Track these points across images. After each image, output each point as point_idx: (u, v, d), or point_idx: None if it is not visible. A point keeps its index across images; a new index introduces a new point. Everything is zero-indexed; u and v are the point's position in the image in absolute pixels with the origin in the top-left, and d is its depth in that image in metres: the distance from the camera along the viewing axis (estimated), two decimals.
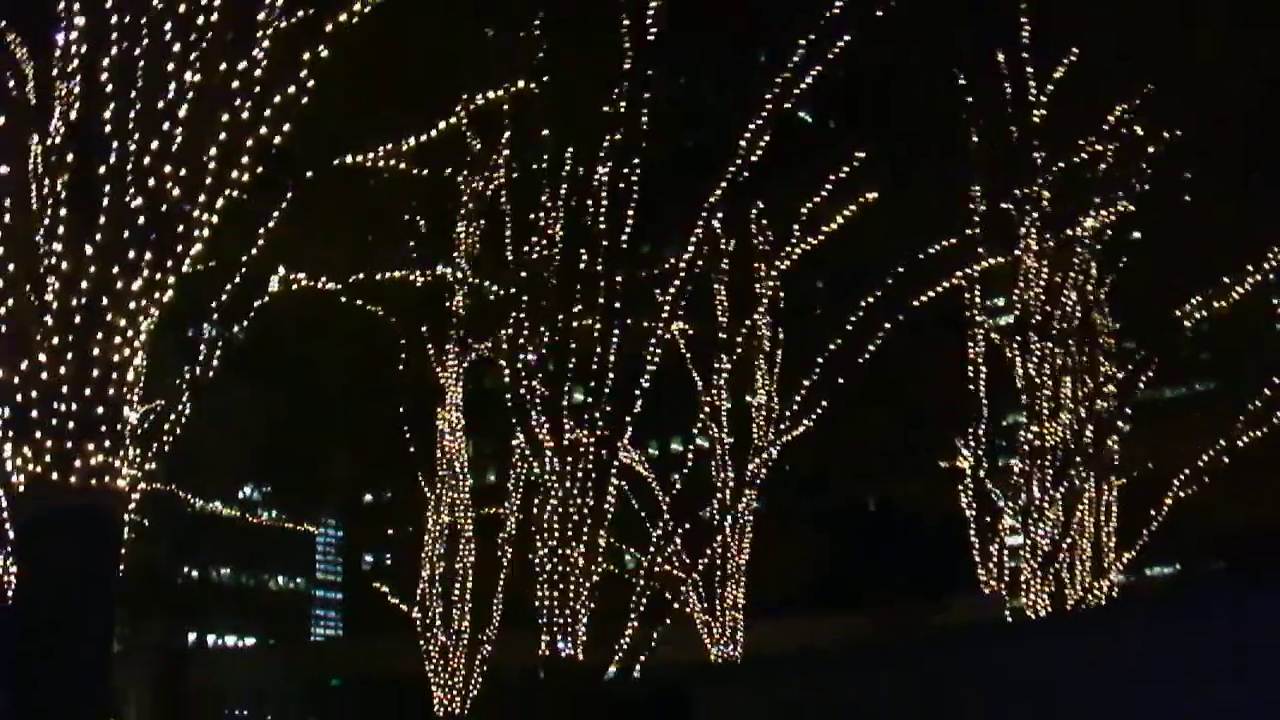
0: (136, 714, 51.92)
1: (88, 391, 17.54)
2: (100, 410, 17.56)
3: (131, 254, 17.85)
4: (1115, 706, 18.32)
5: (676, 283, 34.41)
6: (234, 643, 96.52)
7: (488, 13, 32.36)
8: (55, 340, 17.59)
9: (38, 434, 17.37)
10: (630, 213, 32.80)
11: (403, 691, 45.79)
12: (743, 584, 41.80)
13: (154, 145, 18.13)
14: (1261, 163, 37.65)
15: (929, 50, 40.18)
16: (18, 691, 16.96)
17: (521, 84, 31.68)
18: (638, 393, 33.06)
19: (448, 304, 35.32)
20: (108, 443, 17.51)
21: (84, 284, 17.66)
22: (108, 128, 18.04)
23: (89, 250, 17.67)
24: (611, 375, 32.68)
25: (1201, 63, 36.55)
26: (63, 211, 17.83)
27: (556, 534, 31.45)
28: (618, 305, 32.52)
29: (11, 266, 18.00)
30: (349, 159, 27.28)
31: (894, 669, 22.80)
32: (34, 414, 17.42)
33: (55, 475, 17.25)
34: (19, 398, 17.49)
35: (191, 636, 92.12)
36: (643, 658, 35.20)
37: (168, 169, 18.09)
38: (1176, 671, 18.28)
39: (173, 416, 24.99)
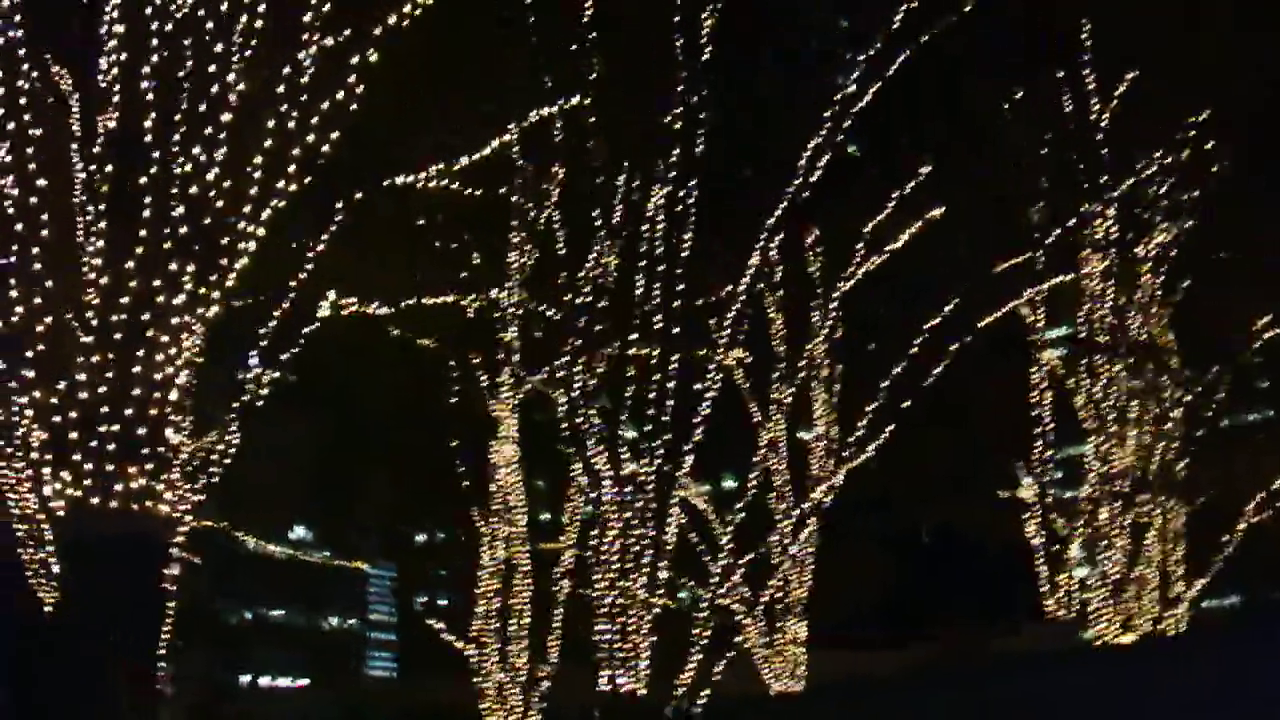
0: None
1: (129, 412, 16.57)
2: (142, 431, 16.57)
3: (173, 266, 16.87)
4: None
5: (735, 309, 33.36)
6: (284, 684, 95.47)
7: (537, 31, 31.30)
8: (95, 358, 16.63)
9: (77, 456, 16.38)
10: (687, 237, 31.73)
11: None
12: (804, 618, 40.57)
13: (197, 155, 17.19)
14: None
15: (985, 64, 38.93)
16: None
17: (575, 100, 30.64)
18: (695, 422, 31.98)
19: (500, 333, 34.08)
20: (150, 465, 16.52)
21: (124, 299, 16.69)
22: (148, 137, 17.09)
23: (129, 264, 16.70)
24: (670, 404, 31.58)
25: (1266, 74, 35.46)
26: (103, 224, 16.84)
27: (616, 567, 30.30)
28: (675, 332, 31.40)
29: (50, 283, 17.02)
30: (398, 179, 26.27)
31: (954, 693, 21.61)
32: (73, 436, 16.43)
33: (95, 500, 16.25)
34: (57, 419, 16.50)
35: (244, 679, 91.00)
36: (704, 693, 34.04)
37: (211, 179, 17.12)
38: (1245, 700, 17.25)
39: (220, 448, 24.00)
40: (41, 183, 17.38)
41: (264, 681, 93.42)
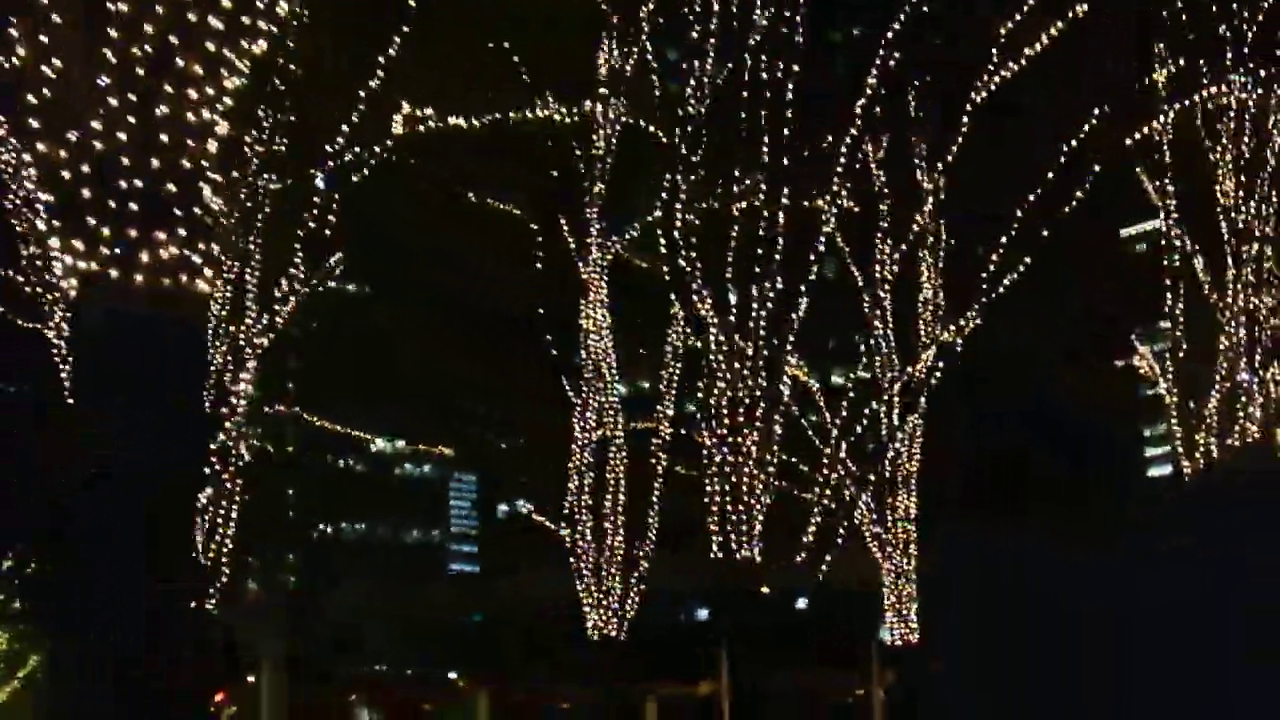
0: (271, 663, 47.69)
1: (155, 164, 12.67)
2: (172, 189, 12.68)
3: None
4: None
5: (841, 157, 29.33)
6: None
7: None
8: (113, 101, 12.74)
9: (92, 221, 12.52)
10: (793, 64, 27.66)
11: (551, 619, 41.19)
12: (914, 491, 36.65)
13: None
14: None
15: None
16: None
17: None
18: (804, 282, 28.05)
19: (593, 146, 29.69)
20: (183, 231, 12.63)
21: (147, 27, 12.78)
22: None
23: None
24: (779, 247, 27.60)
25: None
26: None
27: (726, 420, 26.36)
28: (783, 165, 27.39)
29: (56, 14, 13.09)
30: None
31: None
32: (86, 195, 12.57)
33: (116, 273, 12.40)
34: (67, 175, 12.64)
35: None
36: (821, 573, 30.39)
37: None
38: None
39: (288, 290, 20.25)
40: None
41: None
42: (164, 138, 12.50)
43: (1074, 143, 30.35)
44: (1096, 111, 30.64)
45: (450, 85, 25.39)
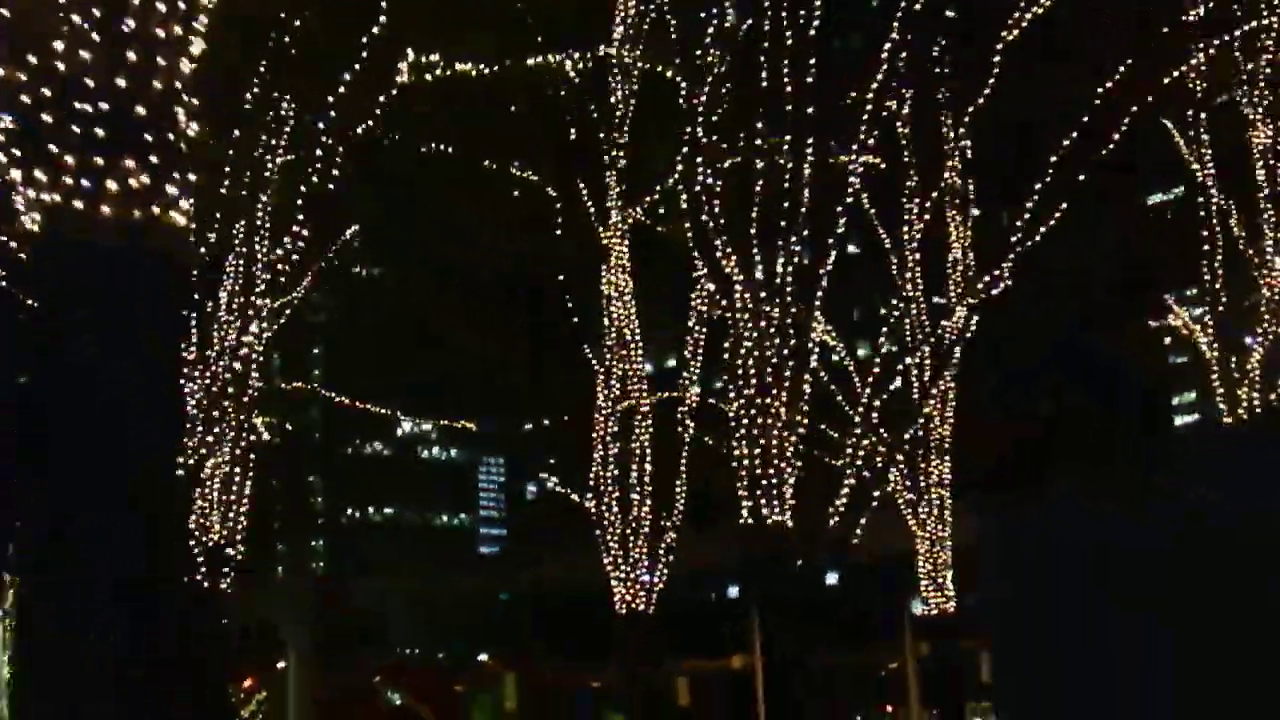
0: (297, 648, 46.81)
1: (123, 84, 11.37)
2: (142, 112, 11.39)
3: None
4: None
5: (867, 110, 27.86)
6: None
7: None
8: (76, 17, 11.45)
9: (53, 148, 11.24)
10: (816, 7, 26.20)
11: (579, 597, 40.14)
12: (948, 458, 35.30)
13: None
14: None
15: None
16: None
17: None
18: (830, 243, 26.62)
19: (612, 95, 28.30)
20: (154, 158, 11.33)
21: None
22: None
23: None
24: (803, 209, 26.18)
25: None
26: None
27: (754, 380, 24.98)
28: (808, 114, 25.93)
29: None
30: None
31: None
32: (47, 119, 11.29)
33: (80, 203, 11.11)
34: (26, 99, 11.36)
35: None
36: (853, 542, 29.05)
37: None
38: None
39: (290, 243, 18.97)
40: None
41: None
42: (131, 56, 11.17)
43: (1103, 89, 28.72)
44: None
45: (463, 35, 23.94)
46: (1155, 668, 11.43)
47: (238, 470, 29.20)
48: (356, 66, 19.30)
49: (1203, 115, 33.12)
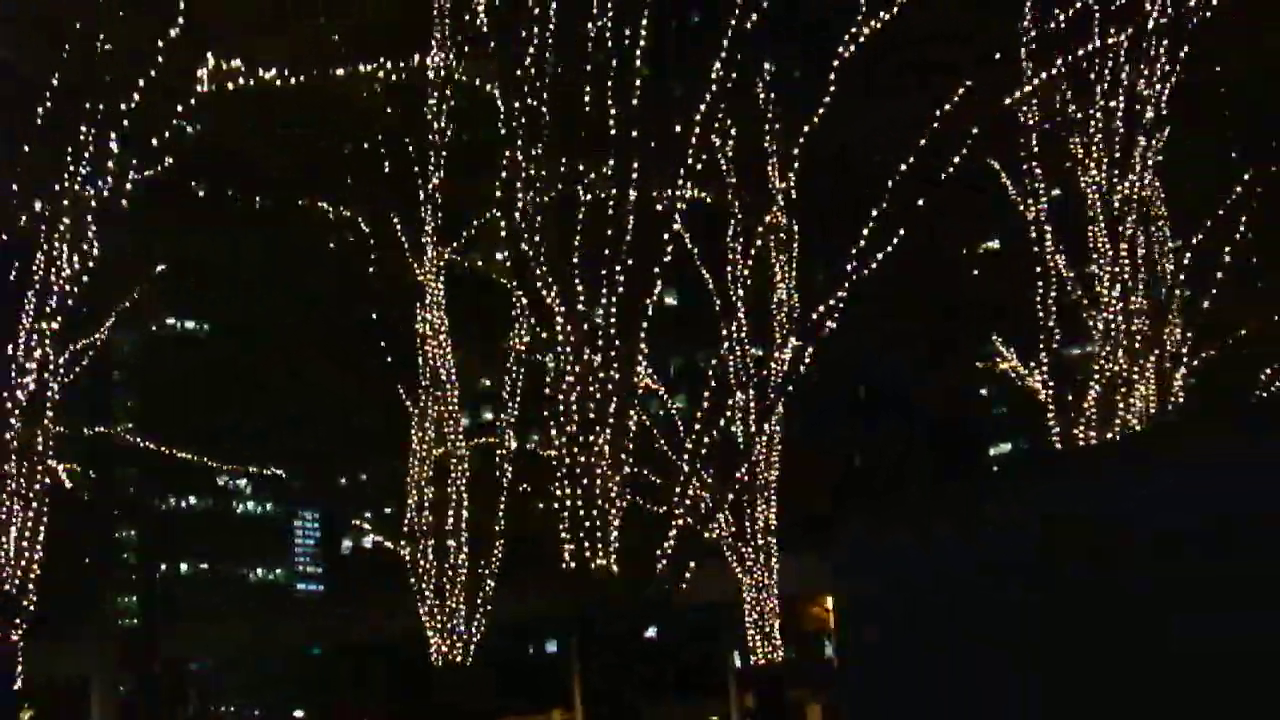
0: (100, 698, 44.65)
1: None
2: None
3: None
4: None
5: (692, 142, 26.62)
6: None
7: None
8: None
9: None
10: (641, 35, 24.95)
11: (392, 649, 38.31)
12: (774, 502, 34.08)
13: None
14: None
15: None
16: None
17: None
18: (657, 271, 25.33)
19: (428, 110, 26.46)
20: None
21: None
22: None
23: None
24: (626, 242, 24.85)
25: None
26: None
27: (576, 418, 23.48)
28: (631, 141, 24.62)
29: None
30: None
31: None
32: None
33: None
34: None
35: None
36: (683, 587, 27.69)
37: None
38: None
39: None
40: None
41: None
42: None
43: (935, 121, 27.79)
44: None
45: (269, 40, 22.15)
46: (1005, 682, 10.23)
47: (30, 517, 27.05)
48: (152, 73, 17.44)
49: (1034, 149, 32.42)
